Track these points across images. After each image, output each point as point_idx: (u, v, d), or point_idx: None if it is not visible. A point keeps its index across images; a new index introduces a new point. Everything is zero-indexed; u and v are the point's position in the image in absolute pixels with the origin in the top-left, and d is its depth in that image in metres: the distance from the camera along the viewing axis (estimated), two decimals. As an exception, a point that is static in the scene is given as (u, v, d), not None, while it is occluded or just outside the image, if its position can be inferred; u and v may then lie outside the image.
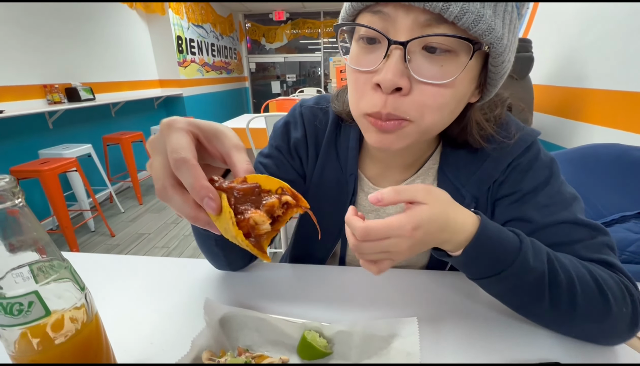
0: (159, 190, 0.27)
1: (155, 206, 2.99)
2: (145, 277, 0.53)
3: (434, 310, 0.44)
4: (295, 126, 0.55)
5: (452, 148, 0.49)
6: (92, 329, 0.29)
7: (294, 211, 0.28)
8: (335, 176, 0.53)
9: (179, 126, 0.27)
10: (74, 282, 0.28)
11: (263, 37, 6.47)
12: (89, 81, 2.99)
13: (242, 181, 0.27)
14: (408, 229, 0.32)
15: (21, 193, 0.24)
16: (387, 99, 0.36)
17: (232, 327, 0.40)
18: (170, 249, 2.27)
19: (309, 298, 0.48)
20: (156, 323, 0.43)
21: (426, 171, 0.52)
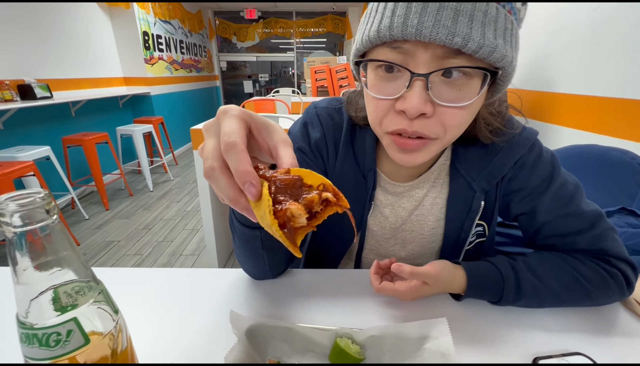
0: (207, 169, 0.27)
1: (123, 212, 2.81)
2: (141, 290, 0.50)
3: (459, 309, 0.46)
4: (314, 127, 0.56)
5: (463, 145, 0.52)
6: (127, 355, 0.26)
7: (332, 209, 0.29)
8: (353, 172, 0.55)
9: (234, 113, 0.28)
10: (109, 305, 0.25)
11: (234, 36, 6.32)
12: (45, 78, 2.74)
13: (285, 173, 0.27)
14: (408, 298, 0.46)
15: (56, 209, 0.21)
16: (412, 122, 0.39)
17: (260, 339, 0.38)
18: (143, 256, 2.14)
19: (333, 302, 0.47)
20: (176, 340, 0.40)
21: (439, 167, 0.55)
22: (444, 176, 0.55)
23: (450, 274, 0.46)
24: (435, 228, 0.56)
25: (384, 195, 0.57)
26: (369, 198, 0.55)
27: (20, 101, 2.43)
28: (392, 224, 0.57)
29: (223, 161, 0.27)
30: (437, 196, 0.55)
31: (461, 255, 0.56)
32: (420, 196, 0.55)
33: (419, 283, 0.45)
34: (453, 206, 0.54)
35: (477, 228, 0.55)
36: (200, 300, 0.48)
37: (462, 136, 0.51)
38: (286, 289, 0.50)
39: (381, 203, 0.57)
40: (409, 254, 0.59)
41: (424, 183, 0.55)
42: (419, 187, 0.55)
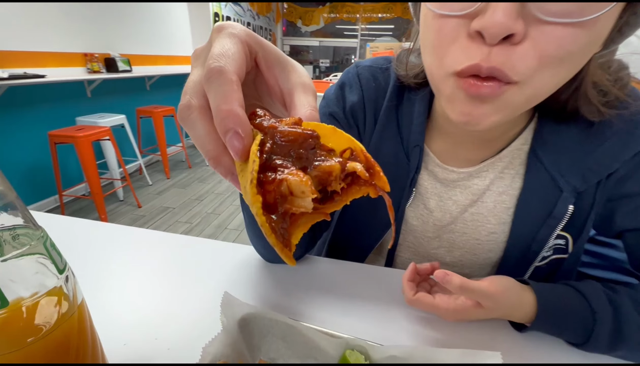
0: (181, 108, 0.19)
1: (181, 182, 3.02)
2: (165, 256, 0.46)
3: (523, 340, 0.34)
4: (351, 89, 0.46)
5: (553, 123, 0.38)
6: (72, 324, 0.21)
7: (361, 189, 0.19)
8: (394, 149, 0.44)
9: (232, 30, 0.19)
10: (50, 260, 0.20)
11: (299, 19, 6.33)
12: (127, 53, 3.02)
13: (293, 124, 0.18)
14: (450, 318, 0.35)
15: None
16: (491, 50, 0.26)
17: (254, 332, 0.32)
18: (192, 225, 2.27)
19: (352, 305, 0.39)
20: (165, 314, 0.36)
21: (512, 153, 0.41)
22: (518, 165, 0.41)
23: (516, 298, 0.33)
24: (496, 234, 0.43)
25: (431, 182, 0.45)
26: (410, 183, 0.43)
27: (105, 73, 2.72)
28: (437, 221, 0.45)
29: (205, 99, 0.18)
30: (504, 191, 0.42)
31: (527, 273, 0.42)
32: (480, 188, 0.43)
33: (469, 303, 0.33)
34: (526, 207, 0.40)
35: (557, 239, 0.40)
36: (198, 274, 0.43)
37: (553, 108, 0.37)
38: (299, 277, 0.43)
39: (426, 191, 0.45)
40: (455, 261, 0.46)
41: (487, 170, 0.42)
42: (480, 176, 0.42)
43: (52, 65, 2.35)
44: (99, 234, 0.51)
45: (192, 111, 0.18)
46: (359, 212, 0.47)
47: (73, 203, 2.51)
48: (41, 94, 2.27)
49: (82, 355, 0.22)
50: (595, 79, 0.34)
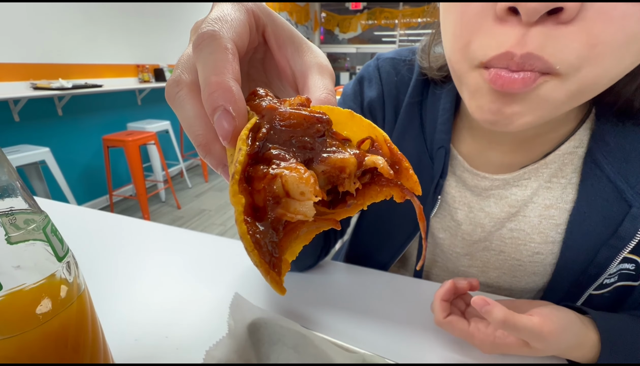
0: (169, 83, 0.16)
1: (218, 185, 3.14)
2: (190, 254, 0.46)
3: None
4: (370, 83, 0.42)
5: (615, 123, 0.32)
6: (71, 314, 0.21)
7: (382, 192, 0.15)
8: (417, 150, 0.39)
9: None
10: (50, 246, 0.19)
11: (337, 27, 6.39)
12: (173, 63, 3.23)
13: (299, 105, 0.14)
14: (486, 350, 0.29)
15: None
16: (528, 32, 0.21)
17: (264, 339, 0.29)
18: (226, 227, 2.33)
19: (373, 317, 0.35)
20: (179, 313, 0.35)
21: (561, 158, 0.34)
22: (570, 173, 0.34)
23: (574, 339, 0.28)
24: (542, 254, 0.36)
25: (459, 189, 0.39)
26: (434, 189, 0.38)
27: (154, 82, 2.93)
28: (466, 235, 0.39)
29: (196, 75, 0.16)
30: (552, 204, 0.35)
31: (581, 299, 0.35)
32: (520, 199, 0.36)
33: (513, 340, 0.28)
34: (581, 224, 0.33)
35: (623, 263, 0.33)
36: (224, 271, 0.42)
37: (615, 102, 0.30)
38: (316, 283, 0.40)
39: (453, 200, 0.39)
40: (491, 282, 0.40)
41: (529, 178, 0.36)
42: (519, 185, 0.36)
43: (108, 76, 2.58)
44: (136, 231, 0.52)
45: (180, 87, 0.15)
46: (377, 218, 0.43)
47: (121, 202, 2.70)
48: (98, 102, 2.49)
49: (81, 347, 0.22)
50: None
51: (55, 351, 0.20)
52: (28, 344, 0.19)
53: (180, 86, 0.15)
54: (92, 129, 2.47)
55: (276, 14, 0.19)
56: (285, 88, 0.20)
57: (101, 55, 2.51)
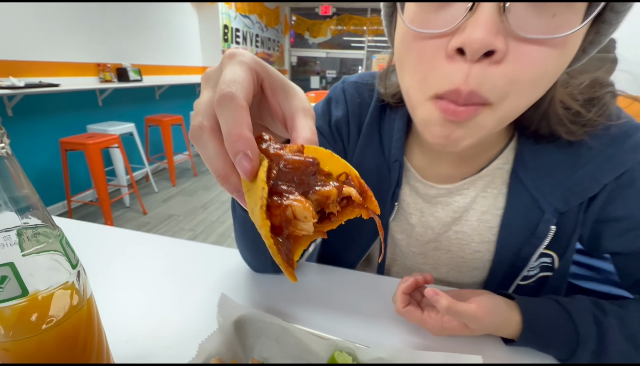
0: (193, 128, 0.20)
1: (187, 190, 3.06)
2: (167, 259, 0.49)
3: (500, 349, 0.35)
4: (337, 104, 0.48)
5: (534, 145, 0.39)
6: (82, 316, 0.23)
7: (354, 211, 0.20)
8: (377, 162, 0.45)
9: (242, 58, 0.21)
10: (65, 256, 0.22)
11: (307, 31, 6.46)
12: (138, 63, 3.11)
13: (296, 151, 0.19)
14: (436, 333, 0.36)
15: (6, 136, 0.19)
16: (471, 69, 0.27)
17: (248, 333, 0.33)
18: (196, 233, 2.29)
19: (342, 309, 0.40)
20: (165, 314, 0.38)
21: (493, 172, 0.41)
22: (500, 184, 0.42)
23: (501, 318, 0.34)
24: (481, 252, 0.43)
25: (413, 197, 0.45)
26: (392, 197, 0.44)
27: (117, 82, 2.80)
28: (420, 236, 0.46)
29: (216, 120, 0.20)
30: (487, 210, 0.42)
31: (511, 288, 0.43)
32: (461, 205, 0.43)
33: (456, 323, 0.34)
34: (509, 227, 0.41)
35: (542, 258, 0.41)
36: (198, 277, 0.45)
37: (529, 127, 0.38)
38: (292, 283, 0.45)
39: (408, 206, 0.45)
40: (442, 277, 0.47)
41: (468, 188, 0.43)
42: (461, 193, 0.43)
43: (66, 74, 2.44)
44: (104, 237, 0.53)
45: (203, 131, 0.20)
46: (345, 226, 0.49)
47: (80, 208, 2.56)
48: (54, 102, 2.34)
49: (89, 346, 0.24)
50: (561, 98, 0.35)
51: (67, 349, 0.23)
52: (46, 343, 0.21)
53: (203, 131, 0.20)
54: (48, 131, 2.32)
55: (270, 67, 0.23)
56: (275, 124, 0.25)
57: (58, 52, 2.36)
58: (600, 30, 0.29)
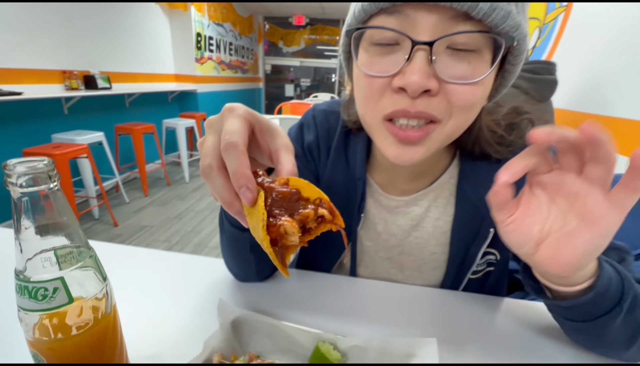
0: (204, 167, 0.26)
1: (160, 199, 3.00)
2: (155, 272, 0.53)
3: (451, 332, 0.43)
4: (309, 129, 0.55)
5: (472, 162, 0.47)
6: (109, 321, 0.28)
7: (327, 226, 0.27)
8: (345, 180, 0.52)
9: (239, 112, 0.28)
10: (97, 271, 0.27)
11: (281, 40, 6.54)
12: (107, 70, 3.03)
13: (283, 183, 0.26)
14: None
15: (57, 176, 0.24)
16: (414, 102, 0.34)
17: (244, 331, 0.39)
18: (171, 244, 2.26)
19: (322, 307, 0.47)
20: (165, 319, 0.42)
21: (441, 185, 0.49)
22: (448, 195, 0.49)
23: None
24: (437, 254, 0.51)
25: (377, 208, 0.52)
26: (358, 209, 0.51)
27: (84, 90, 2.71)
28: (385, 242, 0.53)
29: (221, 160, 0.26)
30: (439, 218, 0.50)
31: (462, 283, 0.50)
32: (417, 214, 0.50)
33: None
34: (459, 232, 0.48)
35: (487, 256, 0.48)
36: (195, 286, 0.49)
37: (468, 149, 0.47)
38: (278, 286, 0.51)
39: (374, 216, 0.52)
40: (406, 278, 0.54)
41: (421, 199, 0.50)
42: (416, 204, 0.50)
43: (28, 82, 2.33)
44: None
45: (212, 170, 0.26)
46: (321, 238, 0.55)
47: (45, 221, 2.43)
48: (16, 111, 2.24)
49: (114, 347, 0.29)
50: (488, 125, 0.44)
51: (98, 348, 0.27)
52: (82, 343, 0.26)
53: (212, 169, 0.26)
54: (9, 142, 2.21)
55: (260, 115, 0.30)
56: (263, 158, 0.31)
57: (20, 58, 2.26)
58: (505, 75, 0.38)
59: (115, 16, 3.10)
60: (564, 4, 1.81)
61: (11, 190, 0.22)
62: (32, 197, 0.23)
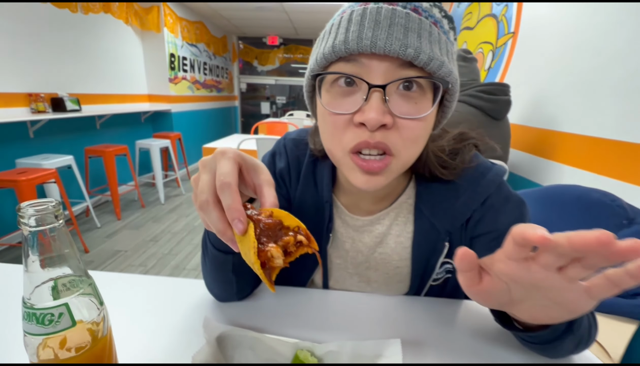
0: (202, 202, 0.31)
1: (134, 222, 2.91)
2: (135, 295, 0.55)
3: (413, 333, 0.49)
4: (280, 157, 0.60)
5: (426, 184, 0.53)
6: (106, 342, 0.31)
7: (304, 249, 0.34)
8: (314, 202, 0.57)
9: (230, 155, 0.33)
10: (95, 297, 0.30)
11: (255, 60, 6.65)
12: (77, 92, 2.97)
13: (268, 215, 0.32)
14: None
15: (62, 215, 0.27)
16: (373, 134, 0.40)
17: (228, 345, 0.42)
18: (147, 268, 2.20)
19: (299, 319, 0.51)
20: (152, 340, 0.45)
21: (400, 205, 0.55)
22: (407, 214, 0.55)
23: None
24: (401, 267, 0.55)
25: (345, 228, 0.57)
26: (327, 229, 0.56)
27: (51, 113, 2.63)
28: (353, 259, 0.57)
29: (216, 196, 0.31)
30: (400, 234, 0.55)
31: (424, 290, 0.56)
32: (381, 232, 0.55)
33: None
34: (418, 247, 0.53)
35: (445, 265, 0.54)
36: (178, 307, 0.52)
37: (421, 173, 0.53)
38: (258, 302, 0.54)
39: (342, 235, 0.57)
40: (374, 291, 0.59)
41: (383, 218, 0.55)
42: (379, 223, 0.55)
43: (-10, 106, 2.25)
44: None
45: (209, 205, 0.31)
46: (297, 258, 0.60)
47: (7, 251, 2.30)
48: (-23, 136, 2.14)
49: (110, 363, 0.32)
50: (432, 150, 0.50)
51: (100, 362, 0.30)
52: (84, 360, 0.29)
53: (208, 204, 0.31)
54: (-31, 168, 2.10)
55: (247, 156, 0.35)
56: (248, 191, 0.36)
57: (-18, 82, 2.19)
58: (444, 110, 0.46)
59: (85, 38, 3.07)
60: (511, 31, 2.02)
61: (22, 228, 0.26)
62: (40, 234, 0.26)
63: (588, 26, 1.42)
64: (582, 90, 1.42)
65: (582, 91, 1.42)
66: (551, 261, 0.24)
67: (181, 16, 4.40)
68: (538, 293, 0.28)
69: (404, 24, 0.37)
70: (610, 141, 1.26)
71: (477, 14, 2.54)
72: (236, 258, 0.47)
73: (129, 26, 3.67)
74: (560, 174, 1.53)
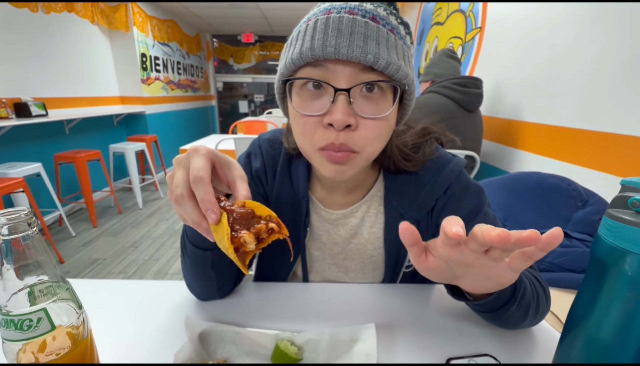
0: (177, 196, 0.33)
1: (111, 229, 2.82)
2: (117, 301, 0.55)
3: (388, 317, 0.52)
4: (256, 157, 0.62)
5: (393, 177, 0.57)
6: (87, 344, 0.32)
7: (275, 236, 0.36)
8: (291, 198, 0.59)
9: (202, 152, 0.35)
10: (74, 302, 0.31)
11: (231, 58, 6.54)
12: (42, 96, 2.83)
13: (241, 206, 0.34)
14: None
15: (36, 223, 0.28)
16: (339, 134, 0.43)
17: (211, 341, 0.44)
18: (128, 275, 2.15)
19: (280, 312, 0.53)
20: (135, 340, 0.46)
21: (371, 198, 0.59)
22: (377, 206, 0.58)
23: None
24: (375, 256, 0.59)
25: (320, 222, 0.60)
26: (304, 224, 0.58)
27: (15, 119, 2.50)
28: (330, 251, 0.60)
29: (190, 190, 0.33)
30: (372, 225, 0.58)
31: (399, 277, 0.59)
32: (355, 224, 0.58)
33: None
34: (390, 236, 0.56)
35: None
36: (160, 308, 0.53)
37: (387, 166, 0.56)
38: (239, 299, 0.56)
39: (318, 228, 0.60)
40: (352, 280, 0.62)
41: (357, 211, 0.58)
42: (353, 215, 0.58)
43: (-53, 113, 2.11)
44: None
45: (183, 198, 0.33)
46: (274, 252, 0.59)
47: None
48: None
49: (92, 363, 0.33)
50: (397, 145, 0.54)
51: None
52: (67, 361, 0.30)
53: (184, 197, 0.33)
54: None
55: (219, 153, 0.37)
56: (222, 186, 0.38)
57: None
58: (404, 109, 0.49)
59: (48, 39, 2.93)
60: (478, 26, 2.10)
61: (-5, 238, 0.26)
62: (14, 242, 0.27)
63: (543, 22, 1.51)
64: (540, 82, 1.51)
65: (540, 83, 1.51)
66: (476, 247, 0.29)
67: (151, 15, 4.26)
68: (473, 270, 0.33)
69: (363, 32, 0.40)
70: (567, 129, 1.35)
71: (447, 10, 2.61)
72: (215, 255, 0.48)
73: (95, 26, 3.53)
74: (525, 161, 1.61)
